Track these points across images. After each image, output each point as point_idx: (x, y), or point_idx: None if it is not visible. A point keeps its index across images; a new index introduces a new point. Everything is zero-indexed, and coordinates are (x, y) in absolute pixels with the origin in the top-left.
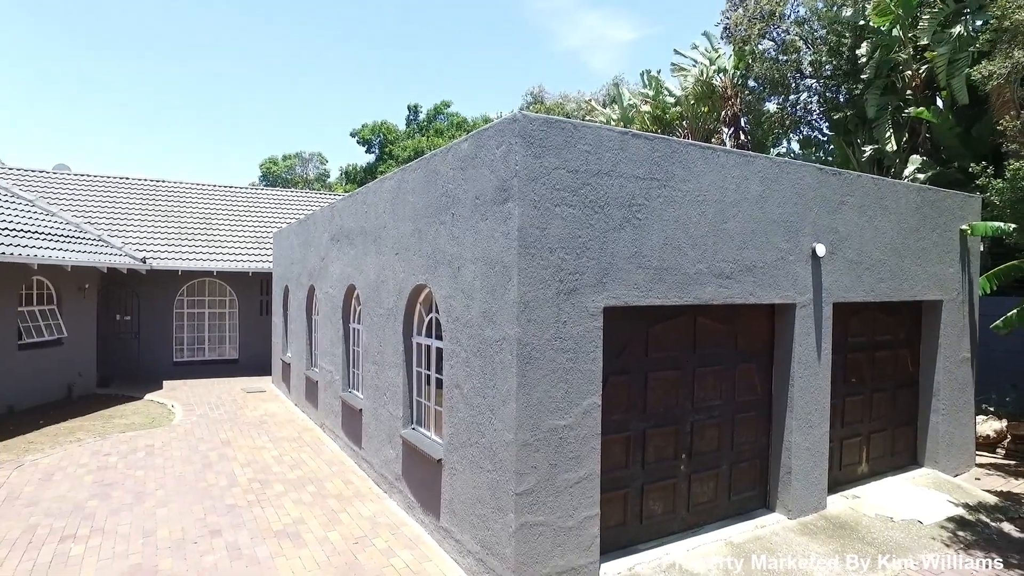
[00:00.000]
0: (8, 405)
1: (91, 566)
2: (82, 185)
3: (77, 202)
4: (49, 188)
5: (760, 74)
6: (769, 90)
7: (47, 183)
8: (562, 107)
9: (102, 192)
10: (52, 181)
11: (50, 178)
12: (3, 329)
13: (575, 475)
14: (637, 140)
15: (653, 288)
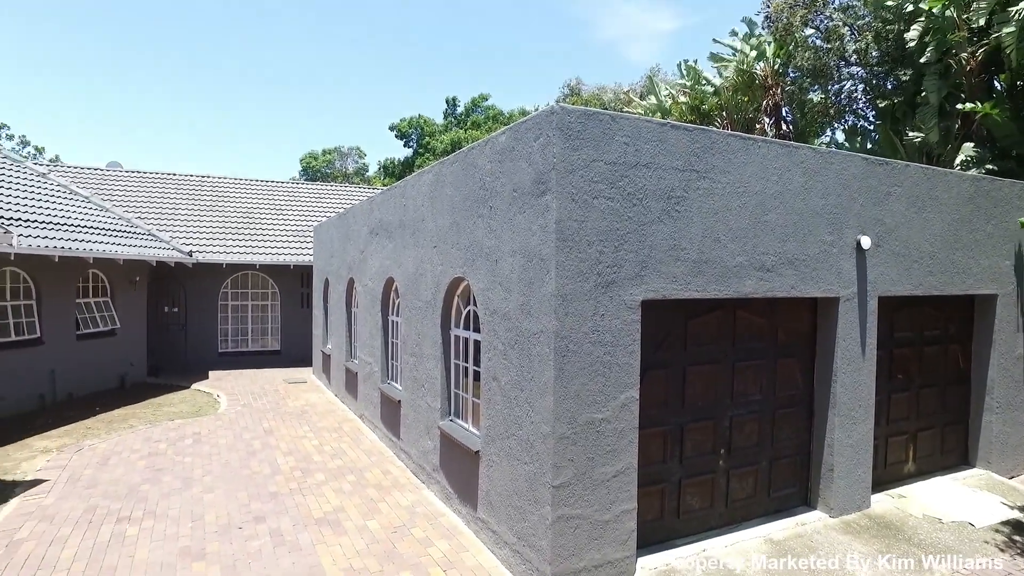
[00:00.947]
0: (68, 392)
1: (145, 547)
2: (133, 181)
3: (128, 198)
4: (103, 185)
5: (802, 62)
6: (812, 79)
7: (101, 180)
8: (599, 98)
9: (151, 188)
10: (105, 178)
11: (103, 175)
12: (63, 320)
13: (612, 469)
14: (676, 131)
15: (692, 281)
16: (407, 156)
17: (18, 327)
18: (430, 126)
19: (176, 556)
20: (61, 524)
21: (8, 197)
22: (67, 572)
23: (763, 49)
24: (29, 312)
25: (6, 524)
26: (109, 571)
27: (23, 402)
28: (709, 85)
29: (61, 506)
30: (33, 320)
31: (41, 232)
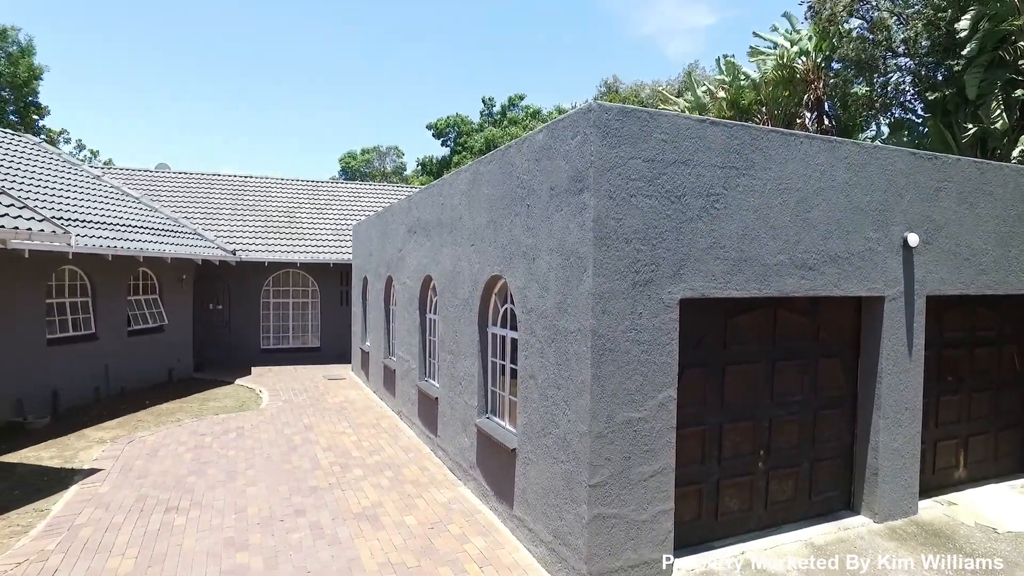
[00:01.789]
0: (121, 386)
1: (192, 536)
2: (179, 182)
3: (175, 198)
4: (152, 186)
5: (846, 54)
6: (856, 71)
7: (150, 181)
8: (637, 95)
9: (197, 188)
10: (154, 179)
11: (153, 176)
12: (116, 316)
13: (649, 468)
14: (715, 128)
15: (731, 279)
16: (444, 155)
17: (75, 323)
18: (467, 125)
19: (221, 546)
20: (115, 512)
21: (67, 199)
22: (121, 557)
23: (804, 42)
24: (85, 309)
25: (67, 510)
26: (159, 558)
27: (80, 394)
28: (748, 80)
29: (115, 495)
30: (89, 317)
31: (96, 232)
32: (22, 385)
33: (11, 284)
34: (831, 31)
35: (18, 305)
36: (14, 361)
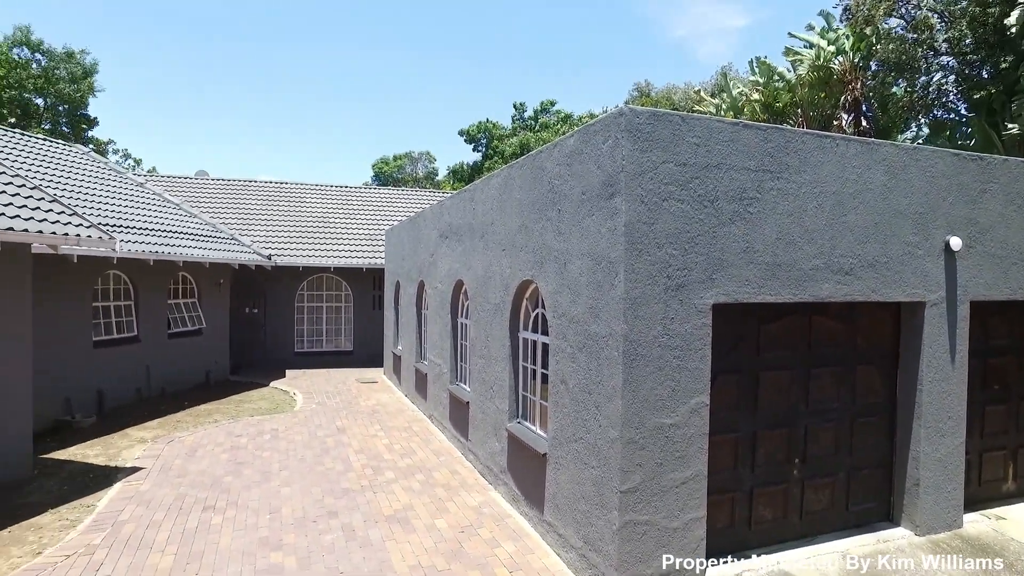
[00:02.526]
0: (161, 387)
1: (228, 535)
2: (217, 188)
3: (214, 204)
4: (191, 192)
5: (885, 55)
6: (896, 72)
7: (190, 188)
8: (668, 98)
9: (234, 194)
10: (194, 186)
11: (192, 183)
12: (157, 319)
13: (681, 475)
14: (748, 131)
15: (766, 284)
16: (476, 160)
17: (119, 326)
18: (498, 130)
19: (256, 545)
20: (156, 509)
21: (112, 206)
22: (161, 554)
23: (841, 43)
24: (128, 312)
25: (111, 506)
26: (197, 556)
27: (123, 395)
28: (783, 82)
29: (155, 493)
30: (132, 319)
31: (139, 237)
32: (70, 385)
33: (61, 288)
34: (868, 31)
35: (67, 308)
36: (64, 362)
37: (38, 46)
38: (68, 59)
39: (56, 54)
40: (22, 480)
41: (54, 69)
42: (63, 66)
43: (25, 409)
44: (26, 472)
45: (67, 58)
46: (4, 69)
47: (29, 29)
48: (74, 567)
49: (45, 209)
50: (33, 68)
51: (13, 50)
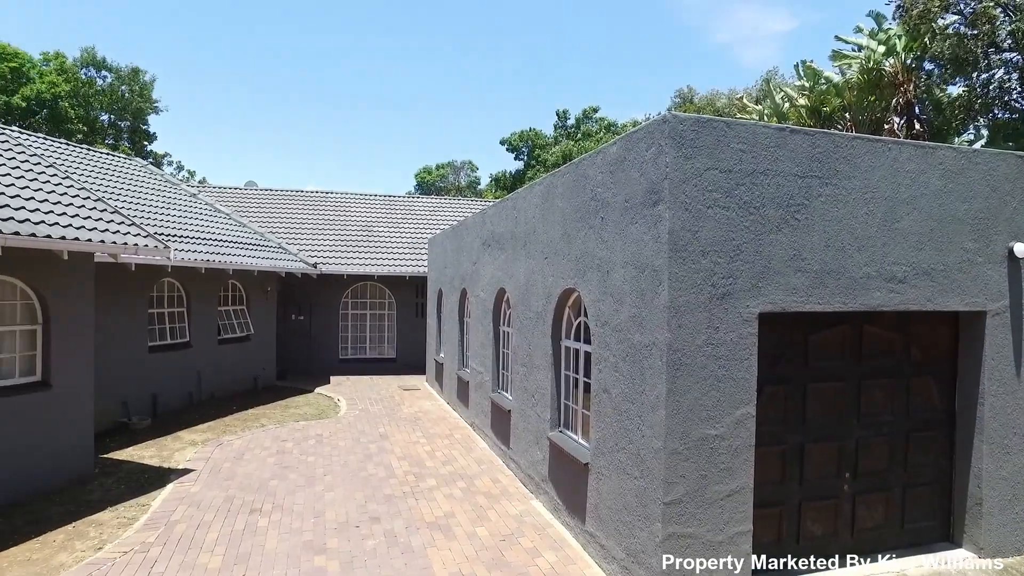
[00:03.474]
0: (211, 392)
1: (274, 538)
2: (265, 198)
3: (262, 214)
4: (241, 202)
5: (941, 53)
6: (953, 71)
7: (239, 198)
8: (712, 104)
9: (281, 204)
10: (243, 196)
11: (242, 193)
12: (207, 325)
13: (726, 487)
14: (795, 136)
15: (814, 293)
16: (518, 169)
17: (172, 332)
18: (541, 139)
19: (300, 549)
20: (205, 510)
21: (167, 216)
22: (211, 554)
23: (893, 43)
24: (181, 318)
25: (164, 506)
26: (244, 557)
27: (175, 399)
28: (831, 85)
29: (205, 494)
30: (184, 325)
31: (192, 246)
32: (128, 388)
33: (120, 295)
34: (923, 29)
35: (126, 315)
36: (122, 366)
37: (103, 64)
38: (132, 77)
39: (121, 72)
40: (85, 478)
41: (119, 87)
42: (126, 84)
43: (87, 411)
44: (88, 470)
45: (132, 76)
46: (73, 88)
47: (94, 50)
48: (130, 564)
49: (107, 220)
50: (98, 85)
51: (81, 70)
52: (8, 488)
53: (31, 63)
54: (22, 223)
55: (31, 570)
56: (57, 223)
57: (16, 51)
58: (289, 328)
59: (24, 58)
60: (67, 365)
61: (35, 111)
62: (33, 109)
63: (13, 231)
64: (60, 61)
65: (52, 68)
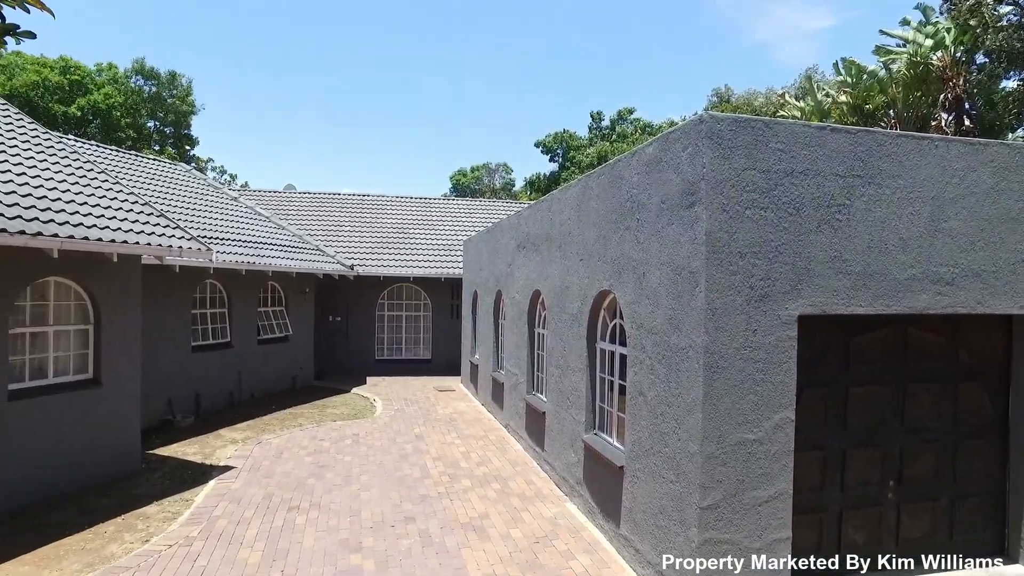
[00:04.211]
0: (251, 391)
1: (311, 536)
2: (304, 202)
3: (300, 216)
4: (280, 205)
5: (995, 45)
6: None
7: (279, 201)
8: (749, 104)
9: (318, 207)
10: (282, 199)
11: (281, 196)
12: (248, 326)
13: (764, 493)
14: (836, 135)
15: (856, 295)
16: (553, 171)
17: (214, 332)
18: (575, 141)
19: (336, 547)
20: (245, 507)
21: (209, 219)
22: (250, 549)
23: (941, 36)
24: (223, 319)
25: (206, 502)
26: (282, 554)
27: (217, 397)
28: (874, 81)
29: (245, 491)
30: (225, 326)
31: (233, 248)
32: (172, 387)
33: (165, 297)
34: (974, 21)
35: (170, 315)
36: (167, 365)
37: (150, 73)
38: (171, 81)
39: (162, 78)
40: (132, 472)
41: (161, 93)
42: (168, 90)
43: (135, 408)
44: (136, 465)
45: (170, 80)
46: (124, 97)
47: (143, 60)
48: (175, 556)
49: (153, 223)
50: (145, 93)
51: (132, 79)
52: (63, 480)
53: (88, 75)
54: (76, 227)
55: (85, 559)
56: (107, 227)
57: (77, 64)
58: (326, 329)
59: (83, 71)
60: (116, 364)
61: (89, 120)
62: (88, 118)
63: (68, 235)
64: (113, 72)
65: (105, 79)
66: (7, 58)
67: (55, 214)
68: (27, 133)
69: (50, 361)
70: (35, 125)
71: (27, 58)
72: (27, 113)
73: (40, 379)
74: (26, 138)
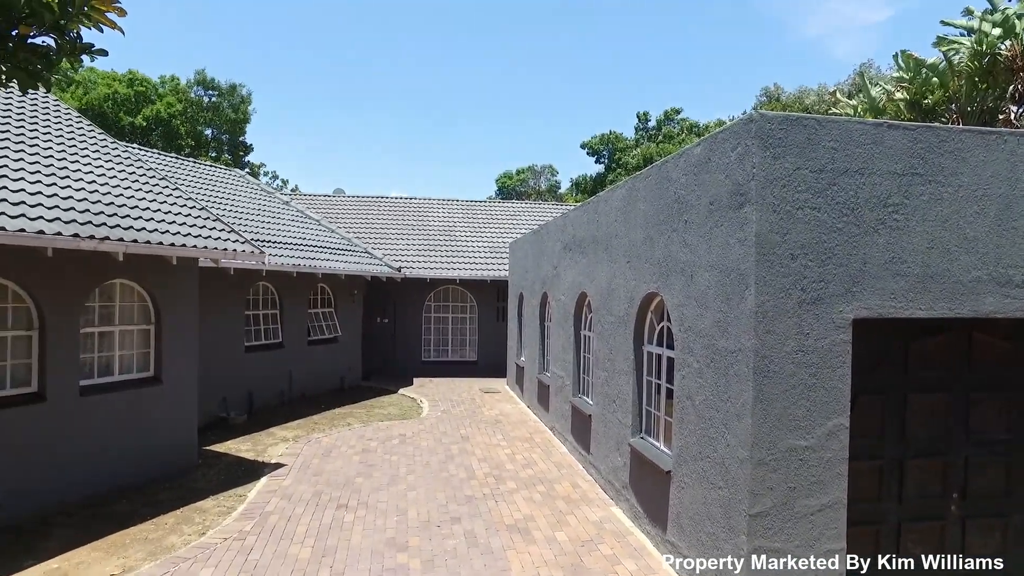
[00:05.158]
0: (301, 391)
1: (359, 534)
2: (352, 205)
3: (349, 220)
4: (329, 209)
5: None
6: None
7: (328, 205)
8: (800, 101)
9: (366, 210)
10: (331, 203)
11: (330, 200)
12: (298, 327)
13: (817, 501)
14: (894, 131)
15: (915, 298)
16: (599, 172)
17: (266, 333)
18: (622, 142)
19: (383, 545)
20: (296, 504)
21: (262, 223)
22: (300, 545)
23: (1011, 23)
24: (274, 320)
25: (259, 498)
26: (331, 551)
27: (269, 396)
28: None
29: (295, 488)
30: (277, 327)
31: (284, 251)
32: (227, 386)
33: (220, 298)
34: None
35: (225, 316)
36: (222, 365)
37: (211, 84)
38: (231, 92)
39: (222, 89)
40: (190, 467)
41: (221, 103)
42: (228, 99)
43: (193, 405)
44: (193, 461)
45: (230, 91)
46: (184, 107)
47: (204, 71)
48: (230, 549)
49: (210, 227)
50: (204, 103)
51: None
52: (127, 473)
53: (153, 87)
54: (139, 231)
55: (147, 548)
56: (168, 231)
57: (144, 78)
58: (374, 330)
59: (148, 83)
60: (175, 362)
61: (152, 129)
62: (151, 127)
63: (132, 239)
64: (175, 83)
65: (168, 90)
66: (82, 74)
67: (120, 219)
68: (97, 143)
69: (116, 359)
70: (104, 135)
71: (99, 73)
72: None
73: (107, 376)
74: (96, 148)
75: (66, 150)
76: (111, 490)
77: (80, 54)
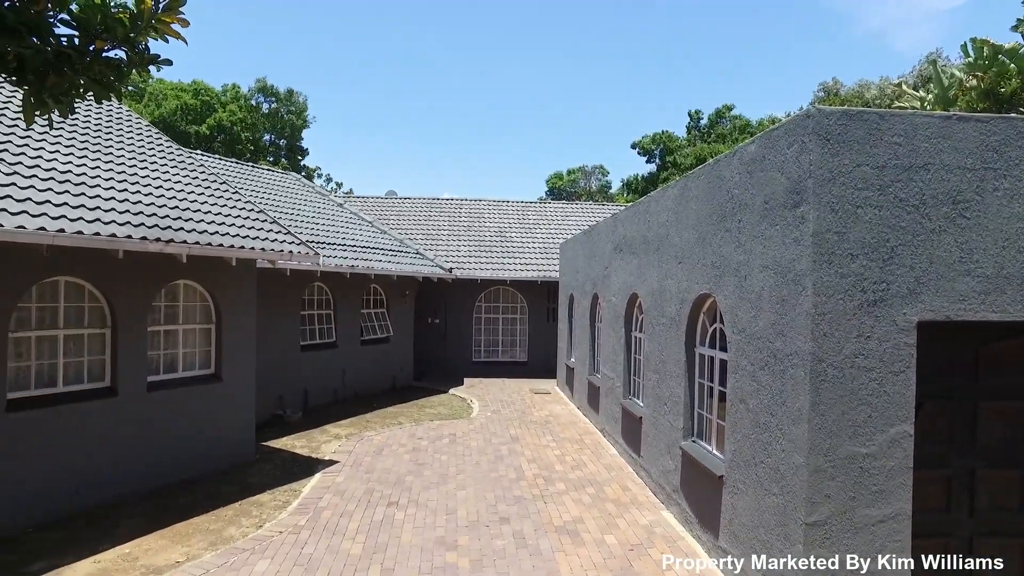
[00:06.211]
0: (353, 390)
1: (409, 531)
2: (404, 207)
3: (401, 221)
4: (382, 211)
5: None
6: None
7: (381, 207)
8: (860, 96)
9: (418, 212)
10: (384, 205)
11: (383, 202)
12: (351, 327)
13: (878, 512)
14: (964, 124)
15: (988, 300)
16: (650, 172)
17: (321, 332)
18: (673, 141)
19: (433, 543)
20: (348, 500)
21: (317, 225)
22: (352, 541)
23: None
24: (328, 320)
25: (313, 493)
26: (382, 547)
27: (323, 395)
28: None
29: (348, 485)
30: (331, 327)
31: (338, 253)
32: (283, 384)
33: (277, 298)
34: None
35: (282, 316)
36: (279, 363)
37: (271, 91)
38: (288, 98)
39: (280, 95)
40: (248, 462)
41: (279, 109)
42: (286, 106)
43: (250, 402)
44: (250, 456)
45: (287, 97)
46: (244, 114)
47: (265, 79)
48: (285, 543)
49: (267, 229)
50: (264, 110)
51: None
52: (189, 466)
53: (216, 96)
54: (201, 234)
55: (208, 539)
56: (228, 233)
57: (207, 87)
58: (426, 331)
59: (212, 93)
60: (234, 360)
61: (215, 137)
62: (214, 135)
63: (195, 241)
64: (236, 91)
65: (229, 98)
66: (153, 86)
67: (184, 223)
68: (164, 151)
69: (179, 357)
70: (171, 143)
71: (167, 84)
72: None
73: (171, 373)
74: (163, 155)
75: (136, 158)
76: (174, 482)
77: (148, 65)
